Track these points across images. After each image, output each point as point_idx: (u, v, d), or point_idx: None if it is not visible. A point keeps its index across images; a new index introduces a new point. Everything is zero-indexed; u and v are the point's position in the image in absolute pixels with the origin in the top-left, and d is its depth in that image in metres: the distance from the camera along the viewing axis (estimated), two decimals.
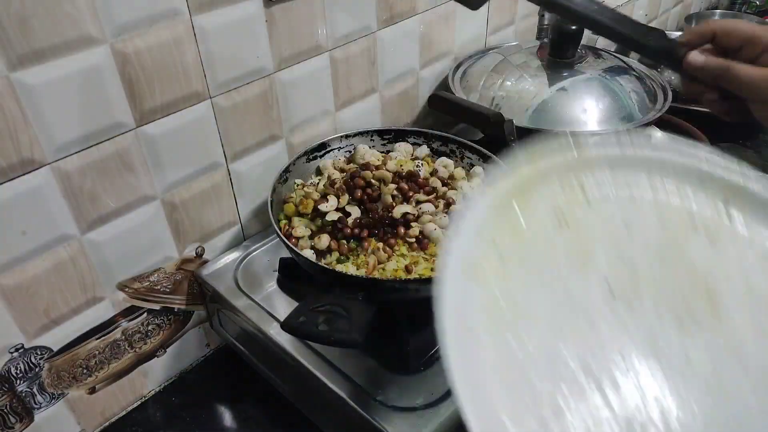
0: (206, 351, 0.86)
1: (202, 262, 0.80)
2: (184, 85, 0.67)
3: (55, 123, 0.58)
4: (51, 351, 0.68)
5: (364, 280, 0.59)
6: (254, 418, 0.77)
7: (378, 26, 0.87)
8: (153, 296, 0.76)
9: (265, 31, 0.72)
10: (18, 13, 0.52)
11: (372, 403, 0.60)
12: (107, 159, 0.63)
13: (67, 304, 0.66)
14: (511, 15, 1.14)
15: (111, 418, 0.77)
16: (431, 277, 0.60)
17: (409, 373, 0.64)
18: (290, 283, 0.75)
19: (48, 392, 0.69)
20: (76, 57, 0.57)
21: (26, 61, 0.54)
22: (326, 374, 0.64)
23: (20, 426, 0.68)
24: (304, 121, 0.84)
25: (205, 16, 0.66)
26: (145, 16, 0.60)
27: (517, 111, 0.88)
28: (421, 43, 0.96)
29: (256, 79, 0.74)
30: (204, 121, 0.71)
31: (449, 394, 0.61)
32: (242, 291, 0.75)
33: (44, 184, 0.59)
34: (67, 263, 0.65)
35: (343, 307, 0.54)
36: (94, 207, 0.64)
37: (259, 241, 0.83)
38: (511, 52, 1.01)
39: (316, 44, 0.79)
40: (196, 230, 0.77)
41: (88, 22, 0.56)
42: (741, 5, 1.93)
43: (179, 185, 0.72)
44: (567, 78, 0.91)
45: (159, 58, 0.63)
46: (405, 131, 0.83)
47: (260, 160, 0.80)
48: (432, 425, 0.58)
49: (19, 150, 0.56)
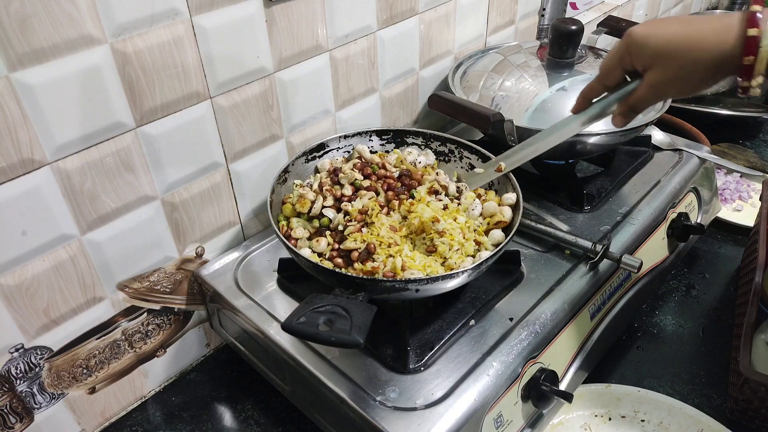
0: (206, 351, 0.86)
1: (202, 262, 0.80)
2: (184, 85, 0.67)
3: (55, 123, 0.58)
4: (51, 351, 0.68)
5: (364, 280, 0.59)
6: (254, 418, 0.77)
7: (378, 26, 0.87)
8: (153, 296, 0.76)
9: (265, 31, 0.72)
10: (18, 13, 0.51)
11: (372, 403, 0.61)
12: (107, 159, 0.63)
13: (67, 304, 0.66)
14: (511, 15, 1.14)
15: (111, 418, 0.78)
16: (431, 277, 0.60)
17: (409, 373, 0.64)
18: (290, 283, 0.76)
19: (48, 392, 0.69)
20: (76, 57, 0.57)
21: (26, 61, 0.54)
22: (326, 374, 0.64)
23: (20, 426, 0.68)
24: (304, 121, 0.84)
25: (205, 16, 0.66)
26: (145, 16, 0.60)
27: (517, 111, 0.88)
28: (421, 43, 0.96)
29: (256, 79, 0.74)
30: (204, 121, 0.71)
31: (449, 394, 0.61)
32: (242, 291, 0.75)
33: (44, 184, 0.59)
34: (67, 263, 0.65)
35: (344, 308, 0.54)
36: (94, 207, 0.64)
37: (259, 241, 0.83)
38: (511, 52, 1.01)
39: (316, 44, 0.79)
40: (196, 230, 0.77)
41: (88, 22, 0.56)
42: (741, 5, 1.93)
43: (179, 185, 0.72)
44: (567, 78, 0.91)
45: (159, 58, 0.63)
46: (404, 131, 0.83)
47: (260, 160, 0.80)
48: (432, 425, 0.58)
49: (19, 150, 0.56)
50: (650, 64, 0.58)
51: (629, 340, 0.87)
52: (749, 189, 1.16)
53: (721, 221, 1.08)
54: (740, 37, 0.52)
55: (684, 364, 0.83)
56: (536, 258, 0.78)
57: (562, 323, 0.72)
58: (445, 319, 0.69)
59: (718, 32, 0.53)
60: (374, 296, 0.60)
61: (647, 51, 0.57)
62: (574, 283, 0.75)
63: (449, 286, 0.63)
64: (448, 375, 0.63)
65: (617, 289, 0.82)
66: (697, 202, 0.99)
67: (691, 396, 0.79)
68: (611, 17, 1.13)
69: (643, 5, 1.56)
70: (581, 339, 0.76)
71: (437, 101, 0.88)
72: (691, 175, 0.95)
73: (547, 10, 1.21)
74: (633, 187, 0.92)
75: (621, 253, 0.76)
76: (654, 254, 0.88)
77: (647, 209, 0.87)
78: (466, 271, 0.61)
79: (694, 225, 0.91)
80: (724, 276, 0.99)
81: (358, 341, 0.50)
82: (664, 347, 0.86)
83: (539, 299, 0.72)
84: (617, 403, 0.77)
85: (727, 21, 0.53)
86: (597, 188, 0.90)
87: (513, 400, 0.66)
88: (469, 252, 0.67)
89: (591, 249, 0.77)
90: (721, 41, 0.53)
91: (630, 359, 0.84)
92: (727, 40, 0.53)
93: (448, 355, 0.66)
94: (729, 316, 0.91)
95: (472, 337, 0.68)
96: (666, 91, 0.60)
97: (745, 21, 0.52)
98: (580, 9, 1.35)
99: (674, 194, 0.91)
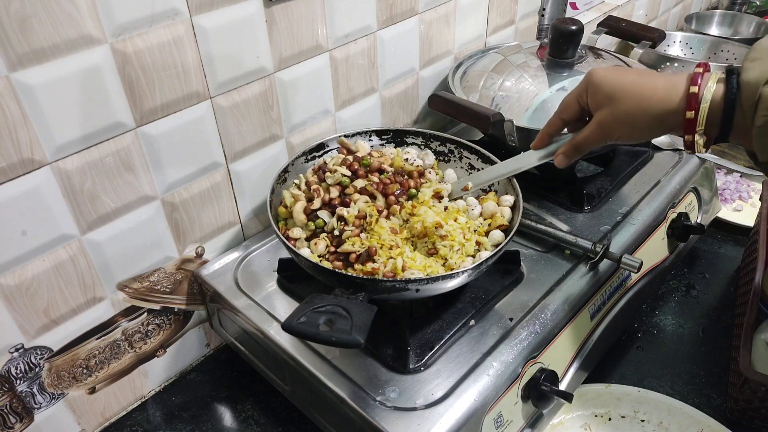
0: (206, 351, 0.86)
1: (202, 262, 0.80)
2: (184, 85, 0.67)
3: (55, 123, 0.58)
4: (51, 351, 0.68)
5: (365, 281, 0.59)
6: (254, 418, 0.77)
7: (378, 26, 0.87)
8: (153, 296, 0.76)
9: (265, 31, 0.72)
10: (18, 13, 0.51)
11: (372, 403, 0.61)
12: (107, 159, 0.63)
13: (67, 304, 0.66)
14: (511, 15, 1.14)
15: (111, 418, 0.78)
16: (431, 277, 0.60)
17: (409, 373, 0.64)
18: (290, 283, 0.76)
19: (48, 392, 0.69)
20: (76, 57, 0.57)
21: (26, 61, 0.54)
22: (326, 374, 0.64)
23: (20, 426, 0.68)
24: (304, 121, 0.84)
25: (205, 16, 0.66)
26: (145, 16, 0.60)
27: (517, 111, 0.88)
28: (421, 43, 0.96)
29: (256, 79, 0.74)
30: (204, 121, 0.71)
31: (449, 394, 0.61)
32: (242, 291, 0.75)
33: (44, 184, 0.59)
34: (67, 263, 0.65)
35: (344, 308, 0.54)
36: (94, 207, 0.64)
37: (259, 241, 0.83)
38: (511, 52, 1.01)
39: (316, 44, 0.79)
40: (196, 230, 0.77)
41: (88, 22, 0.56)
42: (741, 5, 1.93)
43: (179, 185, 0.72)
44: (567, 78, 0.91)
45: (159, 58, 0.63)
46: (403, 131, 0.83)
47: (260, 160, 0.80)
48: (432, 425, 0.58)
49: (19, 150, 0.56)
50: (601, 104, 0.62)
51: (629, 340, 0.87)
52: (749, 189, 1.16)
53: (721, 221, 1.08)
54: (684, 95, 0.57)
55: (684, 364, 0.84)
56: (536, 258, 0.78)
57: (562, 323, 0.72)
58: (445, 319, 0.69)
59: (667, 88, 0.58)
60: (374, 296, 0.60)
61: (602, 91, 0.61)
62: (574, 283, 0.75)
63: (449, 286, 0.63)
64: (448, 375, 0.63)
65: (617, 289, 0.82)
66: (697, 202, 0.99)
67: (691, 396, 0.79)
68: (611, 17, 1.13)
69: (643, 5, 1.56)
70: (581, 339, 0.76)
71: (437, 101, 0.88)
72: (691, 175, 0.95)
73: (547, 10, 1.21)
74: (633, 187, 0.92)
75: (621, 253, 0.76)
76: (654, 254, 0.88)
77: (647, 209, 0.87)
78: (466, 271, 0.61)
79: (694, 225, 0.91)
80: (724, 276, 0.99)
81: (359, 341, 0.50)
82: (664, 347, 0.86)
83: (539, 299, 0.72)
84: (617, 403, 0.77)
85: (676, 80, 0.58)
86: (597, 188, 0.90)
87: (513, 400, 0.66)
88: (470, 252, 0.67)
89: (591, 249, 0.77)
90: (669, 96, 0.57)
91: (630, 359, 0.84)
92: (674, 96, 0.57)
93: (448, 355, 0.66)
94: (729, 316, 0.91)
95: (472, 337, 0.68)
96: (611, 132, 0.62)
97: (689, 80, 0.57)
98: (580, 9, 1.35)
99: (674, 194, 0.91)
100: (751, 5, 1.94)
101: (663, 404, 0.76)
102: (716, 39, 1.57)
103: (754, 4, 1.94)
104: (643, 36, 1.08)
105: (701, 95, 0.55)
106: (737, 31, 1.76)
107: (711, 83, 0.55)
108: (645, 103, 0.59)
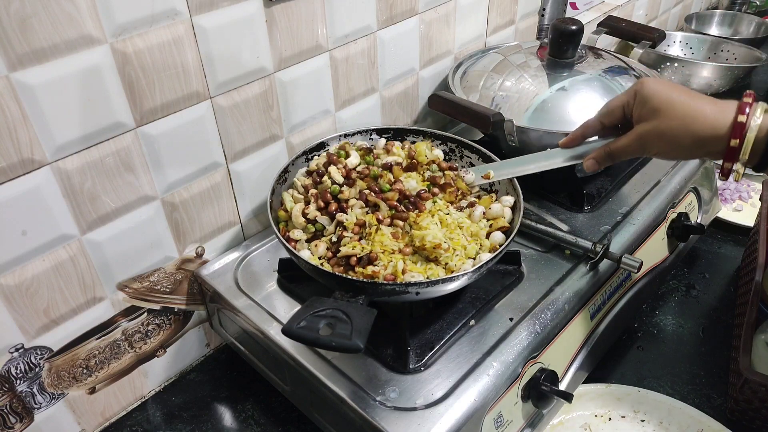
0: (206, 351, 0.86)
1: (202, 262, 0.80)
2: (184, 85, 0.67)
3: (55, 123, 0.58)
4: (51, 351, 0.68)
5: (365, 284, 0.59)
6: (254, 418, 0.77)
7: (378, 26, 0.87)
8: (153, 296, 0.76)
9: (265, 31, 0.72)
10: (18, 13, 0.51)
11: (372, 403, 0.61)
12: (107, 159, 0.63)
13: (67, 304, 0.66)
14: (511, 15, 1.14)
15: (111, 418, 0.78)
16: (432, 280, 0.60)
17: (409, 373, 0.64)
18: (290, 283, 0.75)
19: (48, 392, 0.69)
20: (76, 57, 0.57)
21: (26, 61, 0.54)
22: (326, 374, 0.64)
23: (20, 426, 0.68)
24: (304, 121, 0.84)
25: (205, 16, 0.65)
26: (145, 16, 0.60)
27: (517, 111, 0.88)
28: (421, 43, 0.96)
29: (256, 79, 0.74)
30: (204, 121, 0.71)
31: (449, 394, 0.61)
32: (242, 291, 0.75)
33: (44, 184, 0.59)
34: (67, 263, 0.65)
35: (344, 312, 0.53)
36: (94, 207, 0.64)
37: (259, 241, 0.83)
38: (511, 52, 1.01)
39: (316, 44, 0.79)
40: (196, 230, 0.77)
41: (88, 22, 0.56)
42: (741, 5, 1.93)
43: (179, 185, 0.72)
44: (567, 78, 0.91)
45: (159, 58, 0.63)
46: (404, 130, 0.83)
47: (260, 160, 0.80)
48: (432, 425, 0.58)
49: (19, 150, 0.56)
50: (647, 116, 0.61)
51: (629, 340, 0.87)
52: (749, 189, 1.16)
53: (721, 221, 1.08)
54: (732, 122, 0.57)
55: (684, 364, 0.84)
56: (536, 258, 0.78)
57: (562, 323, 0.72)
58: (445, 319, 0.69)
59: (715, 113, 0.58)
60: (374, 299, 0.60)
61: (651, 103, 0.61)
62: (574, 283, 0.75)
63: (449, 289, 0.63)
64: (448, 375, 0.63)
65: (617, 289, 0.82)
66: (697, 202, 0.99)
67: (691, 396, 0.79)
68: (611, 17, 1.13)
69: (643, 5, 1.56)
70: (581, 339, 0.76)
71: (437, 101, 0.88)
72: (691, 175, 0.95)
73: (547, 10, 1.21)
74: (633, 187, 0.92)
75: (621, 253, 0.76)
76: (654, 254, 0.88)
77: (647, 209, 0.87)
78: (466, 274, 0.61)
79: (694, 225, 0.91)
80: (724, 276, 0.99)
81: (359, 346, 0.50)
82: (664, 347, 0.86)
83: (539, 299, 0.72)
84: (617, 403, 0.77)
85: (725, 105, 0.58)
86: (597, 188, 0.90)
87: (513, 400, 0.66)
88: (470, 254, 0.66)
89: (591, 249, 0.77)
90: (717, 121, 0.57)
91: (630, 359, 0.84)
92: (722, 122, 0.57)
93: (448, 355, 0.66)
94: (729, 316, 0.91)
95: (472, 337, 0.68)
96: (650, 146, 0.62)
97: (737, 108, 0.57)
98: (580, 9, 1.35)
99: (674, 194, 0.91)
100: (751, 5, 1.94)
101: (663, 404, 0.76)
102: (716, 39, 1.57)
103: (754, 4, 1.94)
104: (643, 36, 1.08)
105: (748, 125, 0.55)
106: (737, 31, 1.76)
107: (759, 113, 0.56)
108: (691, 124, 0.58)
